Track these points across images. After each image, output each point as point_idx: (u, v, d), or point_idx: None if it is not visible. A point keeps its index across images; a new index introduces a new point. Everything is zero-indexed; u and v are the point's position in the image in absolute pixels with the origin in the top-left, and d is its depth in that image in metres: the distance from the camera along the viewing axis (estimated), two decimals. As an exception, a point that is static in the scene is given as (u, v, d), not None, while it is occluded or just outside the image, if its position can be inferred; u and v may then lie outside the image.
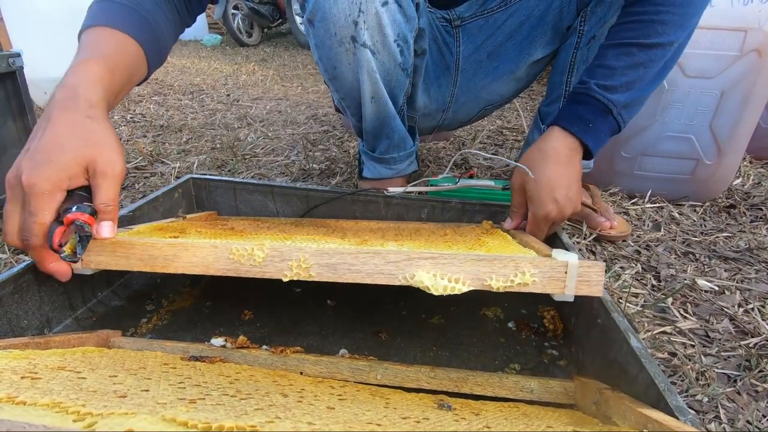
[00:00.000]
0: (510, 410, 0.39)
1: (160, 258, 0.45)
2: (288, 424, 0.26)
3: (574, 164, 0.62)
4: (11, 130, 0.94)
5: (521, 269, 0.42)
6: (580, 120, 0.61)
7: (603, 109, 0.61)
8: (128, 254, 0.45)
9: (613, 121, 0.62)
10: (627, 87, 0.61)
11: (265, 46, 4.04)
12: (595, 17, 0.75)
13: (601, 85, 0.61)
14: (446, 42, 0.84)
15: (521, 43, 0.83)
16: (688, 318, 0.68)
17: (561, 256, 0.43)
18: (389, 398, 0.39)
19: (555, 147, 0.62)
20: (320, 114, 1.78)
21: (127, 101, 1.91)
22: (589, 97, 0.62)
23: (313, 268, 0.43)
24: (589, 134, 0.62)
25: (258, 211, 0.80)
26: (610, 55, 0.62)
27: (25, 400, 0.25)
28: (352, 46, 0.70)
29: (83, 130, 0.44)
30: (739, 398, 0.54)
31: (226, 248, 0.44)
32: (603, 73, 0.61)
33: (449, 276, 0.42)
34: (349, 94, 0.80)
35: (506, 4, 0.80)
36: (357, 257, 0.42)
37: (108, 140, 0.45)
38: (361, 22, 0.67)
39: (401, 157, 0.88)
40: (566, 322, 0.56)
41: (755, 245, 0.88)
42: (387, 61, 0.73)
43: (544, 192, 0.60)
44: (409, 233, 0.64)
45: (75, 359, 0.37)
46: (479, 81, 0.88)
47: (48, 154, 0.42)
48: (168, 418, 0.24)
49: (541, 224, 0.61)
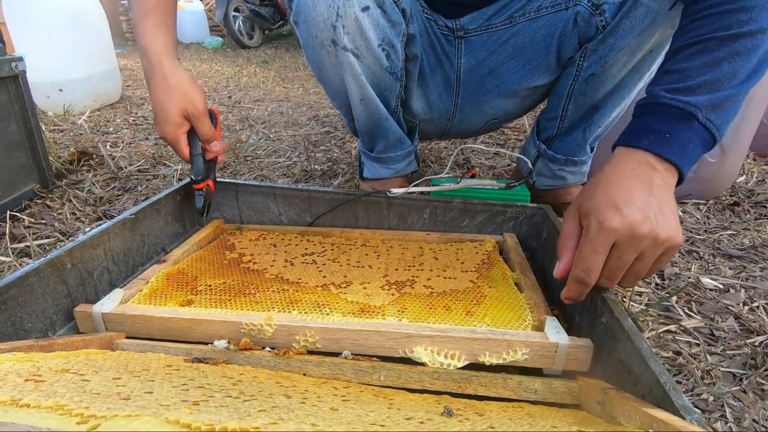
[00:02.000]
0: (514, 410, 0.39)
1: (177, 329, 0.51)
2: (291, 426, 0.26)
3: (648, 179, 0.45)
4: (14, 133, 0.95)
5: (513, 348, 0.46)
6: (651, 132, 0.48)
7: (680, 114, 0.47)
8: (148, 326, 0.51)
9: (700, 128, 0.47)
10: (709, 87, 0.48)
11: (266, 47, 4.05)
12: (596, 55, 0.73)
13: (672, 89, 0.48)
14: (446, 51, 0.82)
15: (523, 67, 0.80)
16: (692, 316, 0.67)
17: (552, 334, 0.46)
18: (393, 399, 0.39)
19: (616, 166, 0.48)
20: (322, 115, 1.78)
21: (130, 104, 1.91)
22: (657, 105, 0.49)
23: (319, 342, 0.48)
24: (667, 146, 0.46)
25: (260, 213, 0.80)
26: (678, 58, 0.50)
27: (29, 402, 0.25)
28: (334, 49, 0.71)
29: (167, 91, 0.64)
30: (745, 397, 0.54)
31: (237, 324, 0.49)
32: (672, 77, 0.49)
33: (446, 352, 0.46)
34: (337, 95, 0.82)
35: (511, 22, 0.77)
36: (360, 334, 0.47)
37: (184, 89, 0.65)
38: (339, 26, 0.68)
39: (399, 156, 0.88)
40: (570, 321, 0.56)
41: (760, 243, 0.87)
42: (372, 65, 0.73)
43: (599, 197, 0.46)
44: (410, 259, 0.65)
45: (79, 362, 0.37)
46: (482, 96, 0.86)
47: (160, 117, 0.65)
48: (171, 420, 0.24)
49: (597, 245, 0.44)
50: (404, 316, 0.51)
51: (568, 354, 0.46)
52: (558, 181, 0.91)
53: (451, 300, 0.55)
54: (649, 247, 0.43)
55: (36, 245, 0.80)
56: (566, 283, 0.48)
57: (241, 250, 0.69)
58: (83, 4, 1.71)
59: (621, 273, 0.45)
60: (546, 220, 0.71)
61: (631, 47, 0.71)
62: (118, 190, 1.06)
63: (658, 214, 0.43)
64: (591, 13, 0.70)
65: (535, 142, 0.89)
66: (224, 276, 0.61)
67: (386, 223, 0.77)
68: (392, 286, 0.59)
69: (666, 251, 0.44)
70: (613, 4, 0.68)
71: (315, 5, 0.68)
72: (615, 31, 0.70)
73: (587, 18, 0.70)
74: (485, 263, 0.65)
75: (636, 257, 0.44)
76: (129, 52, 3.85)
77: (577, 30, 0.72)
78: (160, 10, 0.66)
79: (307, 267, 0.64)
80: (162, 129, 0.66)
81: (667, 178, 0.46)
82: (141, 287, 0.57)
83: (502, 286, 0.59)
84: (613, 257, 0.44)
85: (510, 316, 0.52)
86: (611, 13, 0.69)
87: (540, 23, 0.75)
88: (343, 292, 0.57)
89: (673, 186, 0.47)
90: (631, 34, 0.69)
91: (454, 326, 0.48)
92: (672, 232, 0.43)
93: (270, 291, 0.57)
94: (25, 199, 0.96)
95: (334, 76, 0.76)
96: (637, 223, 0.42)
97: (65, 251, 0.54)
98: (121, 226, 0.63)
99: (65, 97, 1.70)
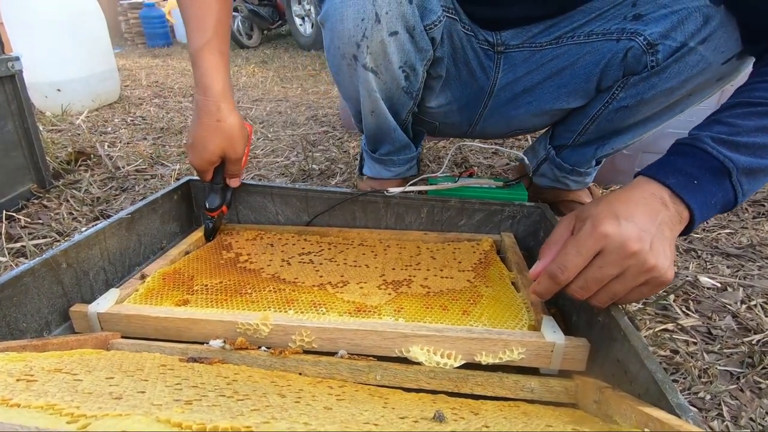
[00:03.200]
0: (510, 409, 0.38)
1: (173, 329, 0.50)
2: (284, 425, 0.26)
3: (655, 211, 0.44)
4: (11, 132, 0.94)
5: (510, 347, 0.45)
6: (681, 173, 0.45)
7: (716, 167, 0.45)
8: (144, 325, 0.51)
9: (728, 187, 0.45)
10: (755, 150, 0.45)
11: (264, 47, 4.05)
12: (635, 90, 0.70)
13: (717, 139, 0.46)
14: (483, 66, 0.78)
15: (559, 89, 0.76)
16: (690, 315, 0.67)
17: (549, 333, 0.46)
18: (388, 398, 0.39)
19: (629, 190, 0.46)
20: (320, 115, 1.78)
21: (128, 104, 1.91)
22: (696, 149, 0.46)
23: (315, 341, 0.48)
24: (692, 191, 0.44)
25: (257, 212, 0.80)
26: (735, 114, 0.47)
27: (19, 402, 0.25)
28: (354, 63, 0.70)
29: (215, 132, 0.65)
30: (742, 395, 0.54)
31: (233, 324, 0.49)
32: (722, 128, 0.46)
33: (442, 351, 0.46)
34: (350, 99, 0.81)
35: (558, 43, 0.73)
36: (356, 334, 0.47)
37: (231, 134, 0.66)
38: (363, 47, 0.66)
39: (402, 160, 0.88)
40: (567, 320, 0.56)
41: (757, 241, 0.87)
42: (390, 83, 0.72)
43: (602, 207, 0.44)
44: (408, 258, 0.65)
45: (72, 361, 0.37)
46: (511, 110, 0.83)
47: (198, 148, 0.66)
48: (162, 419, 0.24)
49: (583, 246, 0.42)
50: (401, 316, 0.51)
51: (564, 354, 0.46)
52: (559, 185, 0.91)
53: (448, 299, 0.55)
54: (633, 268, 0.41)
55: (32, 245, 0.80)
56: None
57: (238, 249, 0.69)
58: (82, 4, 1.71)
59: (596, 286, 0.43)
60: (543, 219, 0.71)
61: (671, 90, 0.68)
62: (115, 190, 1.06)
63: (654, 241, 0.42)
64: (644, 51, 0.66)
65: (546, 146, 0.89)
66: (221, 276, 0.61)
67: (384, 222, 0.77)
68: (389, 285, 0.59)
69: (649, 281, 0.42)
70: (668, 47, 0.64)
71: (343, 20, 0.65)
72: (662, 73, 0.66)
73: (639, 55, 0.66)
74: (482, 263, 0.65)
75: (617, 275, 0.42)
76: (127, 53, 3.85)
77: (624, 64, 0.69)
78: (219, 36, 0.65)
79: (304, 266, 0.64)
80: (195, 158, 0.67)
81: (674, 220, 0.44)
82: (137, 287, 0.57)
83: (499, 286, 0.59)
84: (595, 265, 0.42)
85: (507, 315, 0.51)
86: (664, 55, 0.65)
87: (587, 49, 0.71)
88: (340, 292, 0.57)
89: (676, 229, 0.44)
90: (677, 78, 0.66)
91: (451, 326, 0.48)
92: (662, 264, 0.41)
93: (266, 291, 0.57)
94: (22, 199, 0.96)
95: (350, 84, 0.76)
96: (630, 238, 0.41)
97: (61, 251, 0.53)
98: (117, 225, 0.63)
99: (63, 97, 1.70)
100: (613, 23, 0.68)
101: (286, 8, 3.87)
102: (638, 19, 0.66)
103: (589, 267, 0.43)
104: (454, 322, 0.50)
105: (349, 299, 0.55)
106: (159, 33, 4.39)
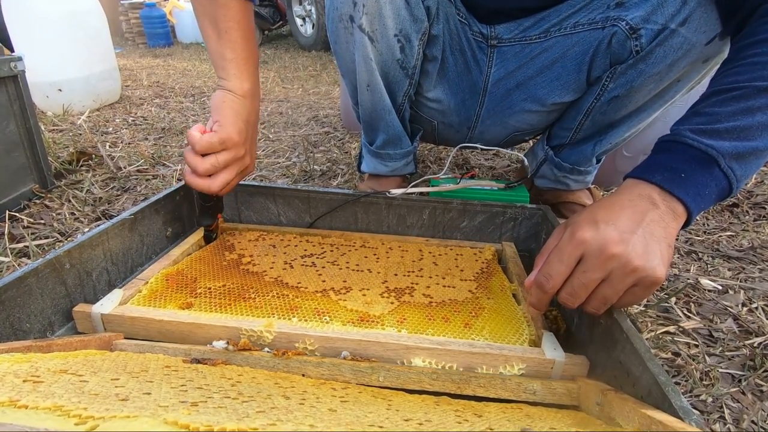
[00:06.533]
0: (513, 411, 0.39)
1: (177, 332, 0.50)
2: (289, 427, 0.26)
3: (642, 212, 0.44)
4: (13, 133, 0.94)
5: (510, 362, 0.46)
6: (666, 169, 0.45)
7: (701, 157, 0.45)
8: (147, 328, 0.51)
9: (719, 175, 0.45)
10: (737, 134, 0.45)
11: (265, 48, 4.05)
12: (624, 78, 0.71)
13: (696, 130, 0.46)
14: (477, 59, 0.79)
15: (552, 82, 0.78)
16: (691, 318, 0.67)
17: (549, 350, 0.47)
18: (392, 400, 0.39)
19: (615, 195, 0.47)
20: (321, 115, 1.78)
21: (129, 104, 1.91)
22: (677, 144, 0.47)
23: (318, 350, 0.48)
24: (680, 185, 0.44)
25: (259, 213, 0.80)
26: (711, 102, 0.47)
27: (27, 403, 0.25)
28: (350, 25, 0.71)
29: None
30: (743, 398, 0.54)
31: (236, 329, 0.49)
32: (701, 119, 0.47)
33: (443, 365, 0.46)
34: (347, 73, 0.82)
35: (546, 35, 0.74)
36: (359, 344, 0.47)
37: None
38: (360, 5, 0.68)
39: (398, 155, 0.88)
40: (569, 322, 0.56)
41: (759, 244, 0.87)
42: (385, 52, 0.72)
43: (584, 215, 0.45)
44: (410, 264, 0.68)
45: (77, 362, 0.37)
46: (506, 108, 0.83)
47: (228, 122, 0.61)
48: (170, 421, 0.24)
49: (564, 254, 0.43)
50: (403, 327, 0.51)
51: (564, 370, 0.46)
52: (560, 186, 0.91)
53: (450, 311, 0.56)
54: (617, 271, 0.41)
55: (35, 245, 0.80)
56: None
57: (241, 250, 0.69)
58: (83, 3, 1.71)
59: (584, 292, 0.43)
60: (545, 221, 0.71)
61: (659, 75, 0.69)
62: (117, 190, 1.06)
63: (638, 242, 0.41)
64: (627, 36, 0.67)
65: (544, 147, 0.89)
66: (224, 278, 0.61)
67: (385, 224, 0.77)
68: (391, 293, 0.59)
69: (639, 282, 0.42)
70: (650, 30, 0.66)
71: None
72: (647, 58, 0.68)
73: (623, 41, 0.68)
74: (484, 272, 0.65)
75: (603, 279, 0.42)
76: (128, 52, 3.85)
77: (610, 51, 0.70)
78: (248, 59, 0.62)
79: (306, 270, 0.64)
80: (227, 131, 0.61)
81: (667, 216, 0.44)
82: (140, 288, 0.57)
83: (501, 298, 0.59)
84: (578, 271, 0.43)
85: (508, 329, 0.52)
86: (647, 39, 0.66)
87: (575, 40, 0.73)
88: (343, 299, 0.57)
89: (672, 226, 0.44)
90: (663, 62, 0.67)
91: (452, 339, 0.49)
92: (649, 264, 0.41)
93: (270, 296, 0.57)
94: (24, 199, 0.96)
95: (347, 53, 0.77)
96: (609, 241, 0.41)
97: (64, 251, 0.53)
98: (120, 226, 0.63)
99: (64, 97, 1.70)
100: (597, 12, 0.70)
101: (286, 8, 3.87)
102: (620, 5, 0.68)
103: (574, 273, 0.43)
104: (456, 335, 0.50)
105: (352, 308, 0.55)
106: (160, 33, 4.39)
